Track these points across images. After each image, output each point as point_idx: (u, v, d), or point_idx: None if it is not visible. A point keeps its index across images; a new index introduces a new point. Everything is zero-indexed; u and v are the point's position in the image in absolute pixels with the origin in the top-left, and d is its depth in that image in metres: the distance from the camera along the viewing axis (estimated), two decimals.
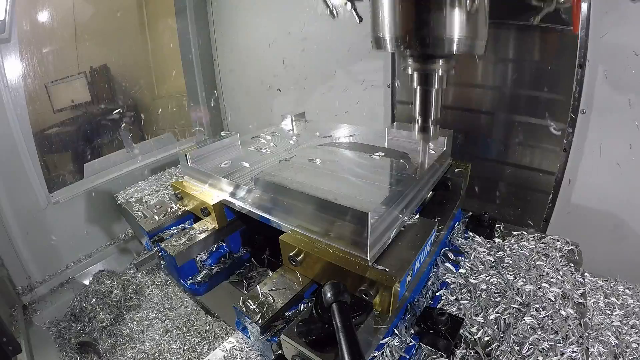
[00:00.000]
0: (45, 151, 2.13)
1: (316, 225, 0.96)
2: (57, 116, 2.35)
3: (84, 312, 1.87)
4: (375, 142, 1.44)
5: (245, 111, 2.77)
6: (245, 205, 1.17)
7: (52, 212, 2.01)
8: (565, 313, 0.96)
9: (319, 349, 0.72)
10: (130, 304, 1.97)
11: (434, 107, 0.88)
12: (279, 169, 1.12)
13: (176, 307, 1.95)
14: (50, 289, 2.00)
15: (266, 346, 0.87)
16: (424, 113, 0.88)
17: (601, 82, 1.35)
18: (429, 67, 0.82)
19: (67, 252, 2.11)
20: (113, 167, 2.30)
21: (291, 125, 1.77)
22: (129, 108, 2.60)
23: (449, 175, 1.33)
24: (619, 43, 1.27)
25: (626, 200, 1.46)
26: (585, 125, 1.44)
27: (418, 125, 0.91)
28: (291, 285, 0.94)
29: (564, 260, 1.17)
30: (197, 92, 2.77)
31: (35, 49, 2.10)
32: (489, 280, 1.09)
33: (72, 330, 1.81)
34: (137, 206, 1.68)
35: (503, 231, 1.35)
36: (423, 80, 0.85)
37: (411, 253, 0.91)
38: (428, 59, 0.82)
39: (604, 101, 1.38)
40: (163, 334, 1.79)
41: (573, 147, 1.48)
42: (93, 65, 2.50)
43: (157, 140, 2.62)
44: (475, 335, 0.92)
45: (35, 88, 2.14)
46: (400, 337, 0.91)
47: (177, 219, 1.37)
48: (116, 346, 1.76)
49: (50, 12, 2.20)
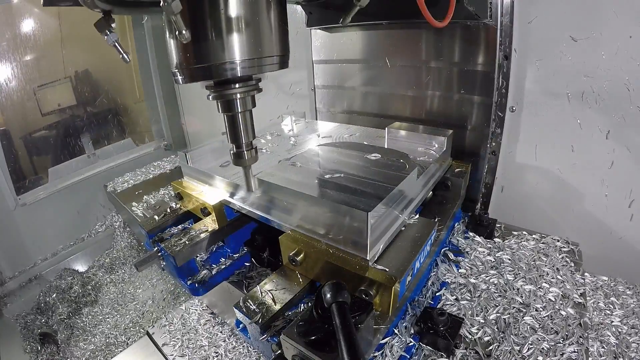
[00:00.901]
0: (12, 156, 2.20)
1: (316, 225, 0.96)
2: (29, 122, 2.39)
3: (48, 306, 2.02)
4: (376, 142, 1.44)
5: (203, 118, 2.80)
6: (245, 205, 1.17)
7: (21, 213, 2.15)
8: (565, 313, 0.96)
9: (319, 349, 0.72)
10: (87, 299, 2.13)
11: (243, 130, 0.83)
12: (278, 169, 1.12)
13: (128, 303, 2.11)
14: (20, 284, 2.12)
15: (266, 346, 0.87)
16: (235, 139, 0.83)
17: (532, 74, 1.19)
18: (227, 93, 0.77)
19: (35, 250, 2.24)
20: (75, 172, 2.43)
21: (291, 125, 1.77)
22: (90, 114, 2.63)
23: (449, 175, 1.33)
24: (550, 28, 1.10)
25: (570, 212, 1.30)
26: (517, 125, 1.27)
27: (233, 152, 0.85)
28: (291, 285, 0.94)
29: (563, 260, 1.17)
30: (155, 99, 2.86)
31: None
32: (489, 280, 1.09)
33: (36, 322, 1.94)
34: (134, 203, 1.70)
35: (503, 231, 1.35)
36: (226, 107, 0.79)
37: (411, 253, 0.91)
38: (223, 85, 0.77)
39: (537, 96, 1.21)
40: (113, 328, 1.94)
41: (502, 150, 1.32)
42: (76, 70, 2.49)
43: (116, 146, 2.71)
44: (475, 335, 0.92)
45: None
46: (400, 337, 0.91)
47: (177, 219, 1.37)
48: (71, 337, 1.90)
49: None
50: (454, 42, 1.30)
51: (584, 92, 1.12)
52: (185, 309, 1.41)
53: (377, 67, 1.61)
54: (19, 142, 2.28)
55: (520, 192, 1.41)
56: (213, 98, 0.79)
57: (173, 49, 0.72)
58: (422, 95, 1.48)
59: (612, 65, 1.08)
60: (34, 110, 2.31)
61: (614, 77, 1.09)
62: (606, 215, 1.31)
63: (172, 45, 0.71)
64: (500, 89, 1.23)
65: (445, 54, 1.34)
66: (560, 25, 1.10)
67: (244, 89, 0.78)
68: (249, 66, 0.72)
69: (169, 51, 0.73)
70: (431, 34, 1.34)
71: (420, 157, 1.28)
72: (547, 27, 1.12)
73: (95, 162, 2.53)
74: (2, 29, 2.08)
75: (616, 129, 1.15)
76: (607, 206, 1.28)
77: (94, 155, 2.55)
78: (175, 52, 0.72)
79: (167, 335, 1.28)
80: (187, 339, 1.26)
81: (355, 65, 1.70)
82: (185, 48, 0.69)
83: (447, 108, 1.43)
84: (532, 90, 1.22)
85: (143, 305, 2.06)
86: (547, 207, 1.39)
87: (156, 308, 2.03)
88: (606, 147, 1.19)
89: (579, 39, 1.07)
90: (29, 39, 2.19)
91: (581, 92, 1.13)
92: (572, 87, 1.14)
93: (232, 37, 0.68)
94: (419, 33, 1.39)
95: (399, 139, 1.40)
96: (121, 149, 2.70)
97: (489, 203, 1.47)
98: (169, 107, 2.92)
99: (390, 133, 1.41)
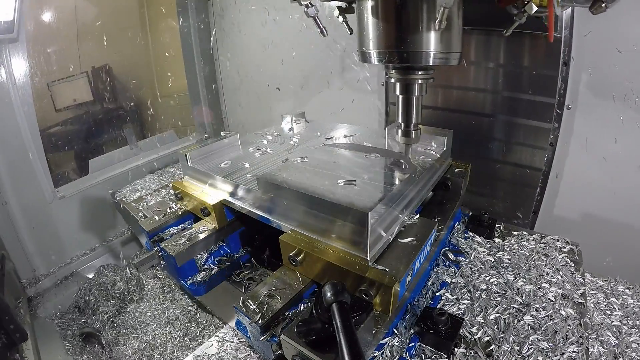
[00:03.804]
0: (51, 148, 2.17)
1: (316, 225, 0.96)
2: (60, 115, 2.42)
3: (88, 304, 1.92)
4: (375, 142, 1.44)
5: (246, 110, 2.80)
6: (245, 205, 1.17)
7: (58, 207, 2.06)
8: (565, 313, 0.96)
9: (319, 349, 0.72)
10: (132, 296, 2.01)
11: (415, 112, 0.97)
12: (279, 169, 1.12)
13: (177, 299, 1.97)
14: (55, 282, 2.05)
15: (266, 346, 0.87)
16: (406, 118, 0.97)
17: (586, 78, 1.39)
18: (409, 77, 0.91)
19: (72, 246, 2.16)
20: (117, 164, 2.36)
21: (291, 125, 1.77)
22: (132, 107, 2.64)
23: (449, 175, 1.33)
24: (602, 41, 1.31)
25: (612, 194, 1.48)
26: (571, 121, 1.47)
27: (401, 129, 1.00)
28: (291, 285, 0.94)
29: (563, 260, 1.17)
30: (198, 91, 2.82)
31: (42, 48, 2.15)
32: (489, 280, 1.09)
33: (75, 321, 1.87)
34: (136, 206, 1.68)
35: (503, 231, 1.35)
36: (404, 89, 0.93)
37: (411, 253, 0.91)
38: (408, 70, 0.90)
39: (589, 97, 1.41)
40: (165, 325, 1.81)
41: (559, 142, 1.52)
42: (95, 65, 2.53)
43: (159, 138, 2.68)
44: (475, 335, 0.92)
45: (41, 86, 2.19)
46: (400, 337, 0.91)
47: (177, 219, 1.37)
48: (119, 337, 1.79)
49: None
50: (524, 49, 1.48)
51: (625, 94, 1.32)
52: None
53: (452, 67, 1.64)
54: (61, 132, 2.26)
55: (571, 178, 1.59)
56: (396, 80, 0.93)
57: (376, 31, 0.85)
58: (493, 95, 1.63)
59: None
60: (67, 101, 2.31)
61: None
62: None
63: (376, 27, 0.85)
64: (559, 90, 1.43)
65: (515, 58, 1.52)
66: (609, 39, 1.30)
67: (425, 76, 0.91)
68: (439, 58, 0.85)
69: (366, 32, 0.87)
70: (502, 41, 1.52)
71: (420, 157, 1.28)
72: (599, 40, 1.32)
73: (137, 154, 2.49)
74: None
75: None
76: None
77: (137, 147, 2.51)
78: (378, 34, 0.85)
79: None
80: None
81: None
82: (392, 32, 0.83)
83: (514, 105, 1.58)
84: (585, 92, 1.42)
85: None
86: (594, 190, 1.55)
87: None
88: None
89: (624, 51, 1.28)
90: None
91: (624, 94, 1.33)
92: (617, 90, 1.34)
93: (433, 31, 0.81)
94: (491, 39, 1.55)
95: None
96: (164, 142, 2.68)
97: (545, 189, 1.63)
98: (211, 100, 2.88)
99: (390, 133, 1.41)
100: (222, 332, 1.19)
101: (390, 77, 0.94)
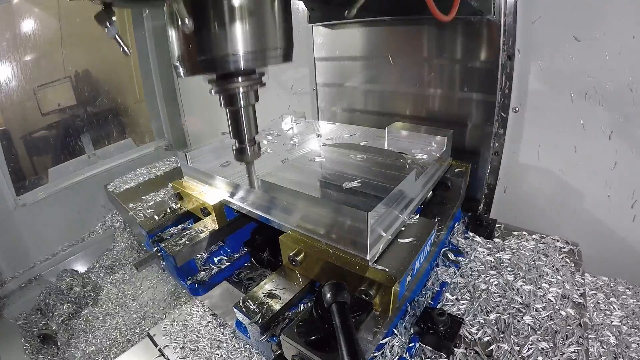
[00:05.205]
0: (12, 156, 2.20)
1: (316, 225, 0.96)
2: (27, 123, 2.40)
3: (48, 307, 2.02)
4: (375, 142, 1.44)
5: (203, 118, 2.80)
6: (245, 205, 1.17)
7: (20, 214, 2.15)
8: (565, 313, 0.96)
9: (319, 349, 0.72)
10: (87, 300, 2.13)
11: (246, 126, 0.81)
12: (279, 169, 1.12)
13: (129, 304, 2.11)
14: (19, 285, 2.12)
15: (266, 346, 0.87)
16: (238, 134, 0.80)
17: (536, 74, 1.17)
18: (229, 87, 0.75)
19: (35, 251, 2.24)
20: (73, 173, 2.43)
21: (291, 125, 1.77)
22: (91, 114, 2.62)
23: (449, 175, 1.33)
24: (554, 28, 1.09)
25: (572, 214, 1.29)
26: (520, 125, 1.26)
27: (235, 147, 0.82)
28: (291, 285, 0.94)
29: (563, 261, 1.17)
30: (155, 99, 2.86)
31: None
32: (489, 280, 1.09)
33: (36, 323, 1.95)
34: (132, 201, 1.70)
35: (503, 231, 1.35)
36: (228, 101, 0.78)
37: (411, 253, 0.91)
38: (225, 78, 0.75)
39: (540, 97, 1.20)
40: (113, 330, 1.94)
41: (505, 151, 1.31)
42: (76, 70, 2.50)
43: (117, 146, 2.71)
44: (475, 335, 0.92)
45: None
46: (400, 337, 0.91)
47: (177, 219, 1.37)
48: (72, 339, 1.90)
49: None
50: (457, 39, 1.28)
51: (587, 92, 1.12)
52: (187, 310, 1.40)
53: (379, 65, 1.60)
54: (19, 142, 2.28)
55: (522, 192, 1.40)
56: (215, 92, 0.77)
57: (175, 41, 0.71)
58: (424, 93, 1.47)
59: (615, 65, 1.07)
60: (34, 110, 2.31)
61: (617, 77, 1.08)
62: (608, 216, 1.30)
63: (174, 37, 0.70)
64: (504, 90, 1.22)
65: (448, 50, 1.33)
66: (564, 26, 1.09)
67: (247, 83, 0.76)
68: (253, 59, 0.70)
69: (171, 44, 0.72)
70: (434, 30, 1.32)
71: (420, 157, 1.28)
72: (550, 27, 1.11)
73: (95, 162, 2.54)
74: (2, 29, 2.08)
75: (619, 129, 1.14)
76: (610, 207, 1.28)
77: (94, 156, 2.55)
78: (177, 44, 0.70)
79: (169, 336, 1.28)
80: (189, 340, 1.25)
81: (358, 63, 1.69)
82: (187, 39, 0.68)
83: (450, 107, 1.43)
84: (535, 90, 1.21)
85: (144, 306, 2.06)
86: (549, 207, 1.39)
87: (157, 309, 2.02)
88: (609, 147, 1.18)
89: (583, 39, 1.06)
90: (29, 38, 2.18)
91: (584, 92, 1.12)
92: (576, 88, 1.14)
93: (235, 28, 0.66)
94: (422, 29, 1.37)
95: (399, 139, 1.40)
96: (121, 149, 2.71)
97: (492, 203, 1.46)
98: (169, 107, 2.92)
99: (390, 133, 1.41)
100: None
101: (211, 90, 0.78)
